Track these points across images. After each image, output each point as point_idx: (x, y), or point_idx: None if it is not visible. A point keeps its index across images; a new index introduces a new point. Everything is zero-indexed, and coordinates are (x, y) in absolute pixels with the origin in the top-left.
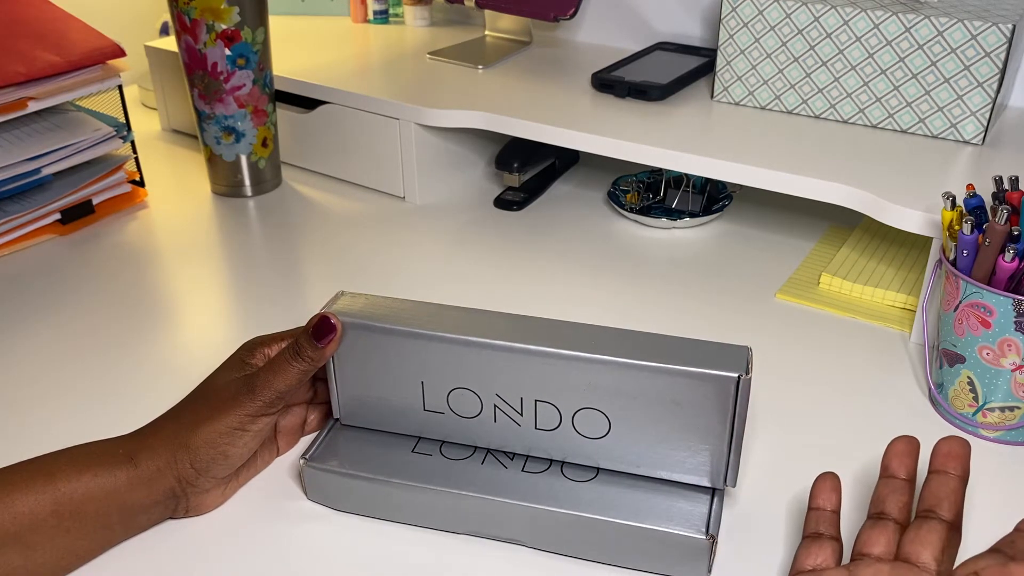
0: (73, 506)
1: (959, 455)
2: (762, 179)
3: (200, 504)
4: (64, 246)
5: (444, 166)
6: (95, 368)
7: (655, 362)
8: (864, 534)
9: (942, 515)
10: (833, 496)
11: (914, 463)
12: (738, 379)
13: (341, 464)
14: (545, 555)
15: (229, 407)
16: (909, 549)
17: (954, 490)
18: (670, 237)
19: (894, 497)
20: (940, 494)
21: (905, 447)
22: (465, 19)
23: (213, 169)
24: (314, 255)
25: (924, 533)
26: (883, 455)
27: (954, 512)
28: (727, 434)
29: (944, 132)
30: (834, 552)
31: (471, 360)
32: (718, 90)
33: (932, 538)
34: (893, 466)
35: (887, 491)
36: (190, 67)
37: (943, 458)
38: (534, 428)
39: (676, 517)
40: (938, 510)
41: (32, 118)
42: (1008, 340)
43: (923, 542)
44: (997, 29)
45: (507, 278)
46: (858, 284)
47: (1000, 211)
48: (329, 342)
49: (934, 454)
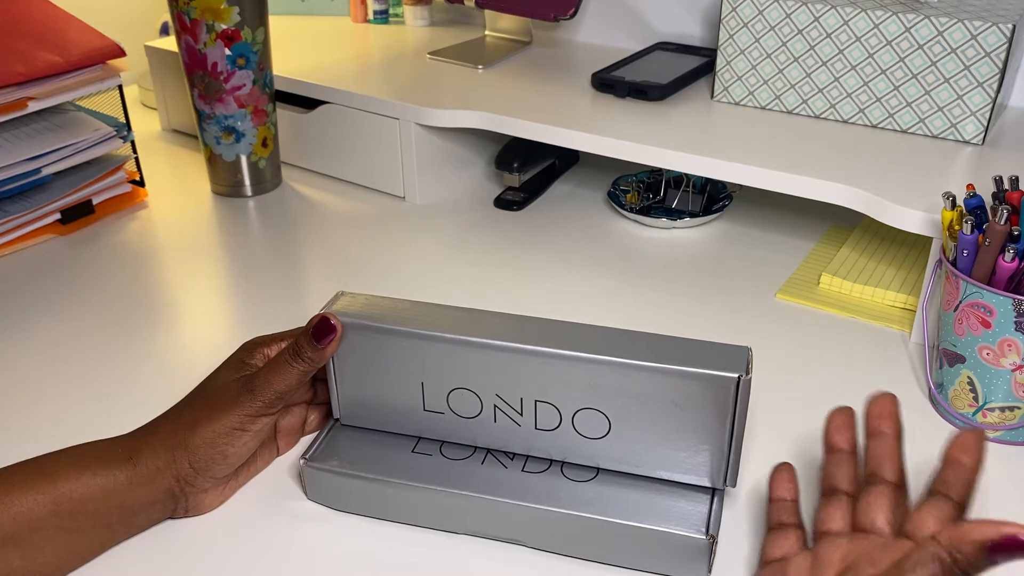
0: (72, 506)
1: (890, 413)
2: (762, 179)
3: (199, 504)
4: (64, 246)
5: (444, 166)
6: (95, 368)
7: (655, 362)
8: (821, 513)
9: (886, 476)
10: (791, 486)
11: (854, 434)
12: (738, 379)
13: (341, 464)
14: (545, 555)
15: (229, 407)
16: (863, 518)
17: (892, 449)
18: (670, 237)
19: (841, 470)
20: (880, 456)
21: (843, 419)
22: (465, 19)
23: (213, 169)
24: (314, 255)
25: (873, 499)
26: (824, 432)
27: (896, 471)
28: (727, 434)
29: (944, 132)
30: (798, 539)
31: (471, 360)
32: (718, 90)
33: (881, 502)
34: (835, 440)
35: (834, 466)
36: (190, 67)
37: (876, 419)
38: (534, 428)
39: (676, 517)
40: (881, 472)
41: (32, 118)
42: (1008, 340)
43: (874, 508)
44: (997, 29)
45: (507, 278)
46: (858, 284)
47: (1000, 211)
48: (329, 343)
49: (867, 417)
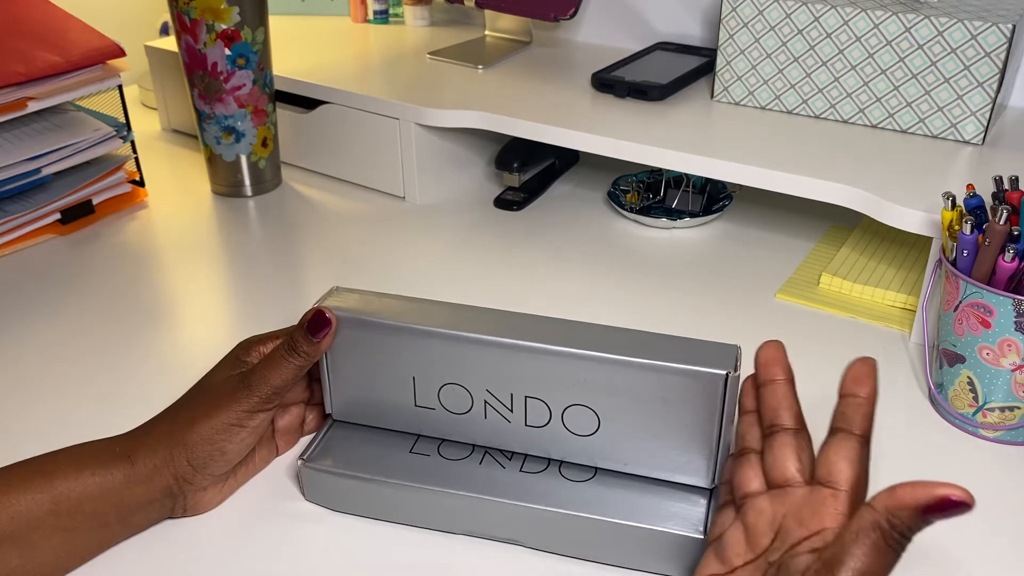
0: (71, 505)
1: (777, 359)
2: (762, 179)
3: (198, 503)
4: (64, 246)
5: (444, 166)
6: (95, 368)
7: (643, 358)
8: (736, 476)
9: (784, 423)
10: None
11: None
12: (726, 376)
13: (339, 465)
14: (543, 555)
15: (226, 403)
16: (774, 473)
17: (785, 394)
18: (670, 237)
19: (750, 431)
20: (774, 404)
21: (751, 382)
22: (465, 19)
23: (213, 169)
24: (314, 255)
25: (778, 449)
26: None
27: (793, 416)
28: (715, 432)
29: (944, 132)
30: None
31: (461, 355)
32: (718, 90)
33: (786, 451)
34: (745, 403)
35: (744, 426)
36: (190, 67)
37: (764, 368)
38: (524, 425)
39: (674, 516)
40: (778, 421)
41: (32, 118)
42: (1008, 340)
43: (780, 459)
44: (997, 29)
45: (507, 278)
46: (858, 284)
47: (1000, 211)
48: (324, 336)
49: (757, 367)
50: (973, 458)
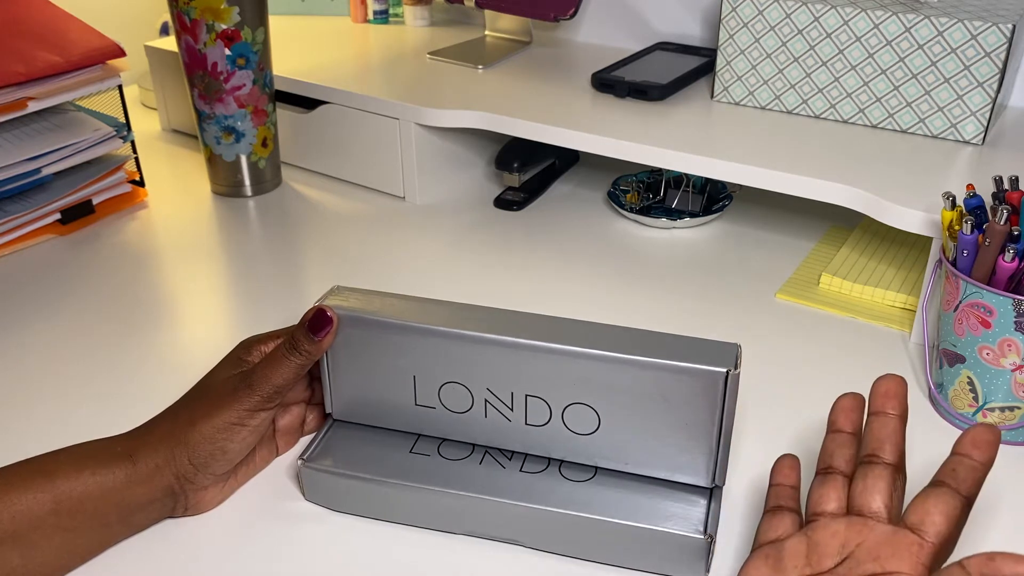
0: (72, 504)
1: (897, 394)
2: (762, 179)
3: (199, 502)
4: (64, 246)
5: (444, 166)
6: (95, 368)
7: (644, 356)
8: (815, 492)
9: (885, 458)
10: (792, 473)
11: (860, 418)
12: (726, 374)
13: (339, 465)
14: (543, 555)
15: (227, 402)
16: (860, 501)
17: (894, 430)
18: (670, 237)
19: (841, 451)
20: (881, 436)
21: (851, 403)
22: (465, 19)
23: (213, 169)
24: (314, 255)
25: (871, 481)
26: (830, 412)
27: (896, 453)
28: (715, 431)
29: (944, 132)
30: (794, 523)
31: (462, 354)
32: (718, 90)
33: (879, 485)
34: (840, 422)
35: (834, 445)
36: (190, 67)
37: (881, 399)
38: (524, 424)
39: (674, 517)
40: (881, 454)
41: (32, 118)
42: (1008, 340)
43: (871, 490)
44: (997, 29)
45: (507, 278)
46: (858, 284)
47: (1000, 211)
48: (325, 335)
49: (872, 395)
50: None
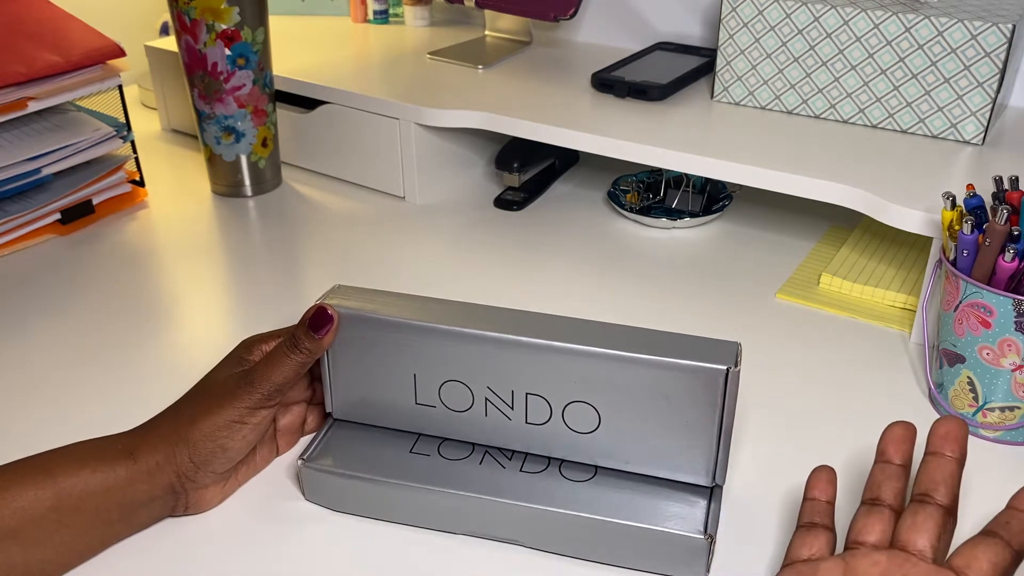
0: (73, 502)
1: (957, 436)
2: (762, 179)
3: (200, 501)
4: (64, 246)
5: (444, 166)
6: (95, 368)
7: (644, 354)
8: (859, 521)
9: (938, 500)
10: (829, 488)
11: (911, 449)
12: (727, 372)
13: (339, 465)
14: (543, 555)
15: (228, 400)
16: (905, 537)
17: (951, 473)
18: (670, 237)
19: (889, 483)
20: (937, 477)
21: (903, 432)
22: (465, 19)
23: (213, 169)
24: (314, 255)
25: (921, 520)
26: (880, 440)
27: (950, 496)
28: (716, 429)
29: (944, 132)
30: (828, 542)
31: (462, 352)
32: (718, 90)
33: (928, 524)
34: (889, 452)
35: (883, 476)
36: (190, 67)
37: (940, 439)
38: (524, 422)
39: (674, 517)
40: (934, 494)
41: (32, 118)
42: (1008, 340)
43: (919, 529)
44: (997, 29)
45: (507, 278)
46: (858, 284)
47: (1000, 211)
48: (326, 333)
49: (931, 435)
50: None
